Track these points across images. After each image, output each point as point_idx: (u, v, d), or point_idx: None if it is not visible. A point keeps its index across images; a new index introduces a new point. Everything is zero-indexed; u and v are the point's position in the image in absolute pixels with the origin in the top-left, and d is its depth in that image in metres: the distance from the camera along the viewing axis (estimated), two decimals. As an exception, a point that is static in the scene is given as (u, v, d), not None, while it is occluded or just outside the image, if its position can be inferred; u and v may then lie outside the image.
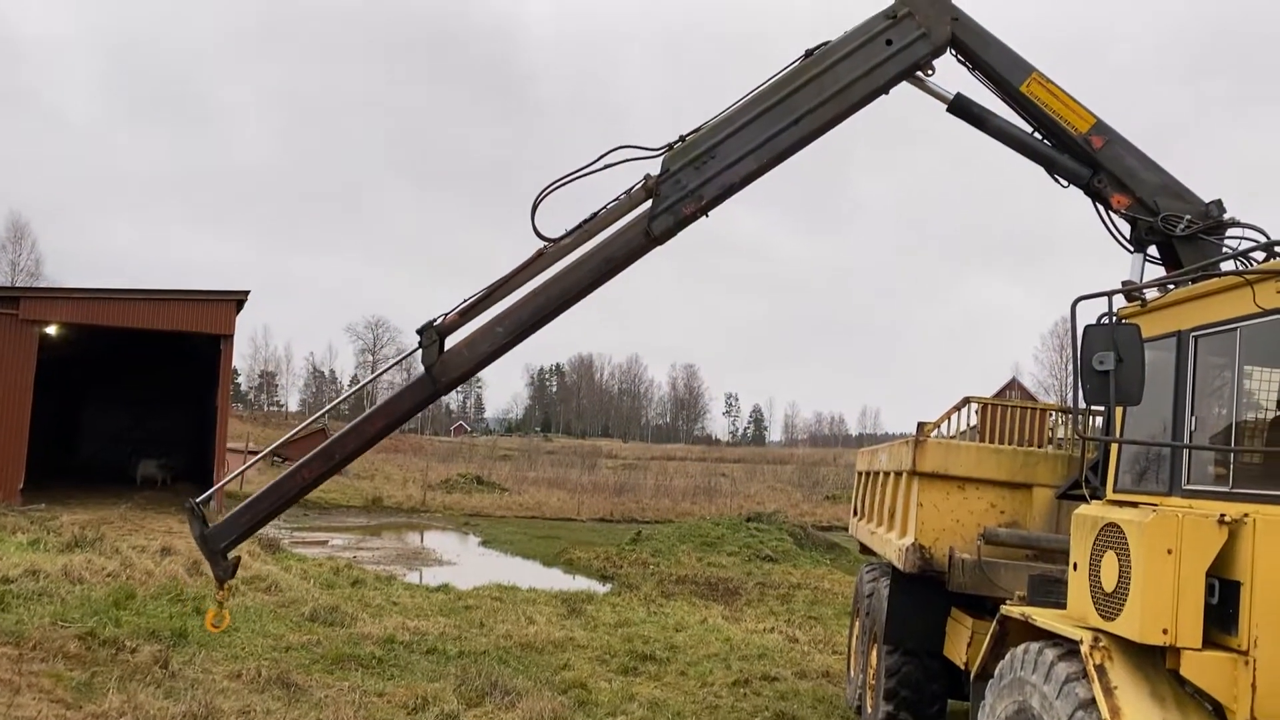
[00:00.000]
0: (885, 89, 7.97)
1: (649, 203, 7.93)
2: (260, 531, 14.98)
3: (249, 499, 8.91)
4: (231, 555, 8.85)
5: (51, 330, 28.97)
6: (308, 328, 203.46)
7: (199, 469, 35.74)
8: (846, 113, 7.96)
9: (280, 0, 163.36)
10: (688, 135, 7.98)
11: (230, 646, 12.30)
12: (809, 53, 7.94)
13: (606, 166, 7.91)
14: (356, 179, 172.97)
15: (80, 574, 15.03)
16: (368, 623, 14.50)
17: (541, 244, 8.02)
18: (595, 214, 8.02)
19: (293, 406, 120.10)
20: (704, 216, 8.01)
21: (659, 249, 8.15)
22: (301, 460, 8.63)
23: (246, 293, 30.69)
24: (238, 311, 30.68)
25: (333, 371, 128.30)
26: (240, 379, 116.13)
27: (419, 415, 44.52)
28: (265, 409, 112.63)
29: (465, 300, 8.15)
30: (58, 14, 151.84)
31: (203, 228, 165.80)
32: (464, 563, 25.99)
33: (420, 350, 8.18)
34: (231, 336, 30.55)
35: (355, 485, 43.30)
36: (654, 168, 7.94)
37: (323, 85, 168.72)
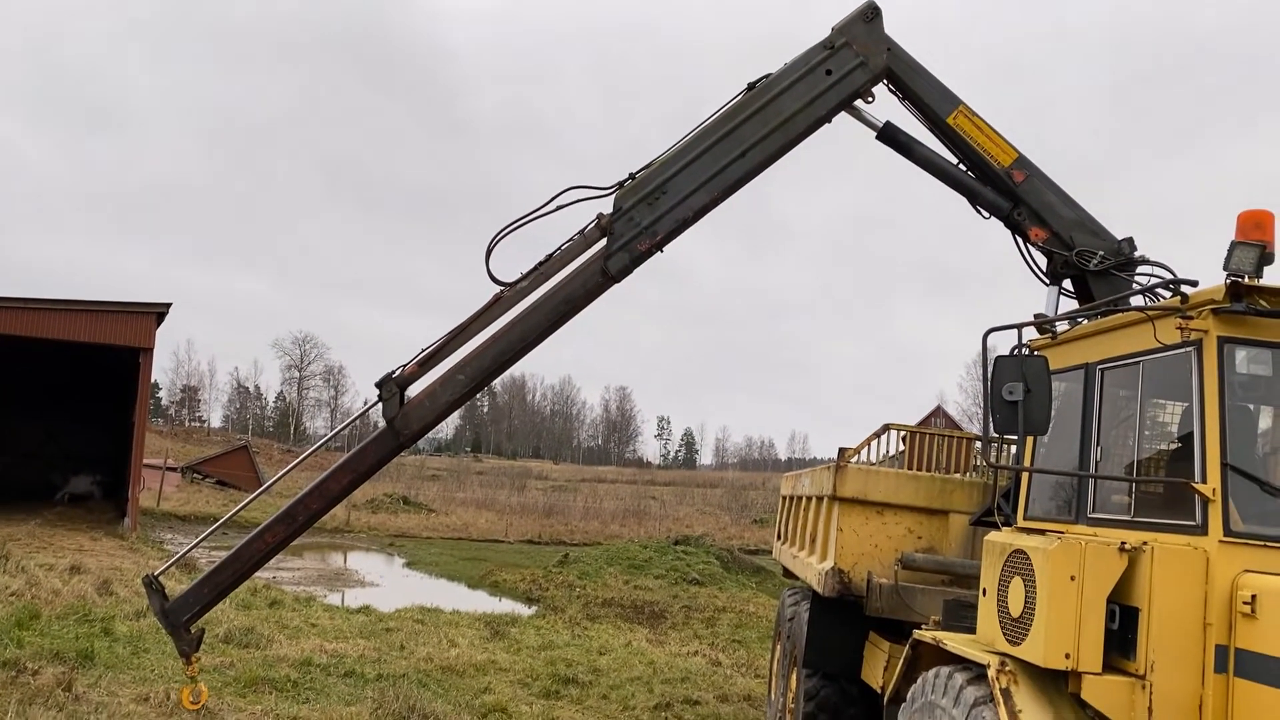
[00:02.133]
0: (828, 118, 8.14)
1: (604, 241, 7.97)
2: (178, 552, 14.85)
3: (210, 569, 8.65)
4: (195, 628, 8.56)
5: (-41, 340, 27.96)
6: (233, 342, 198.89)
7: (117, 485, 34.72)
8: (793, 142, 8.12)
9: (194, 10, 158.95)
10: (638, 172, 8.05)
11: (138, 669, 11.94)
12: (751, 85, 8.08)
13: (559, 207, 7.96)
14: (278, 194, 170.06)
15: (-19, 593, 14.48)
16: (284, 644, 14.18)
17: (498, 289, 7.98)
18: (550, 255, 8.02)
19: (215, 422, 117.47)
20: (659, 252, 8.08)
21: (616, 286, 8.18)
22: (263, 525, 8.44)
23: (167, 305, 29.96)
24: (158, 325, 29.89)
25: (258, 387, 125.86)
26: (161, 393, 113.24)
27: (345, 433, 43.80)
28: (187, 424, 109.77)
29: (423, 350, 8.07)
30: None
31: (123, 239, 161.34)
32: (387, 584, 25.60)
33: (381, 404, 8.07)
34: (151, 350, 29.74)
35: (278, 505, 42.22)
36: (606, 206, 8.00)
37: (239, 97, 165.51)
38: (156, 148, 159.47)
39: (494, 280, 7.94)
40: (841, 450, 9.16)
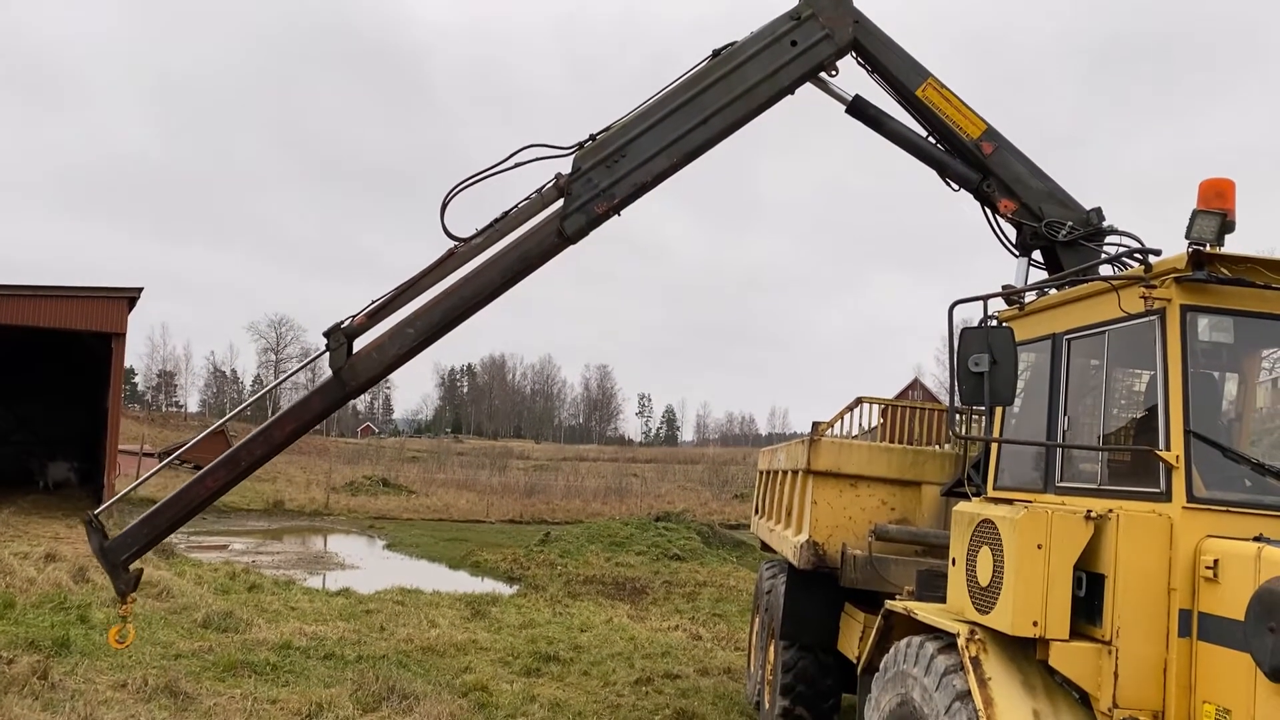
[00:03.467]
0: (791, 89, 8.08)
1: (561, 202, 7.90)
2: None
3: (150, 509, 8.58)
4: (133, 568, 8.51)
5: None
6: (208, 326, 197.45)
7: (94, 472, 34.48)
8: (755, 112, 8.07)
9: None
10: (598, 134, 7.98)
11: (116, 655, 11.85)
12: (716, 53, 8.02)
13: (517, 165, 7.85)
14: (245, 173, 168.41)
15: (-46, 583, 14.35)
16: (263, 628, 14.15)
17: (452, 244, 7.92)
18: (507, 213, 7.94)
19: (193, 407, 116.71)
20: (616, 215, 8.03)
21: (572, 247, 8.13)
22: (206, 468, 8.33)
23: (139, 290, 29.65)
24: (130, 309, 29.61)
25: (234, 371, 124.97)
26: (137, 379, 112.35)
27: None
28: (164, 409, 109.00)
29: (374, 302, 7.99)
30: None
31: (89, 222, 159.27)
32: (367, 566, 25.56)
33: (328, 353, 8.01)
34: (123, 335, 29.49)
35: (256, 488, 42.13)
36: (565, 166, 7.92)
37: (205, 74, 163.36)
38: (111, 124, 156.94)
39: (448, 235, 7.88)
40: (815, 424, 9.20)
